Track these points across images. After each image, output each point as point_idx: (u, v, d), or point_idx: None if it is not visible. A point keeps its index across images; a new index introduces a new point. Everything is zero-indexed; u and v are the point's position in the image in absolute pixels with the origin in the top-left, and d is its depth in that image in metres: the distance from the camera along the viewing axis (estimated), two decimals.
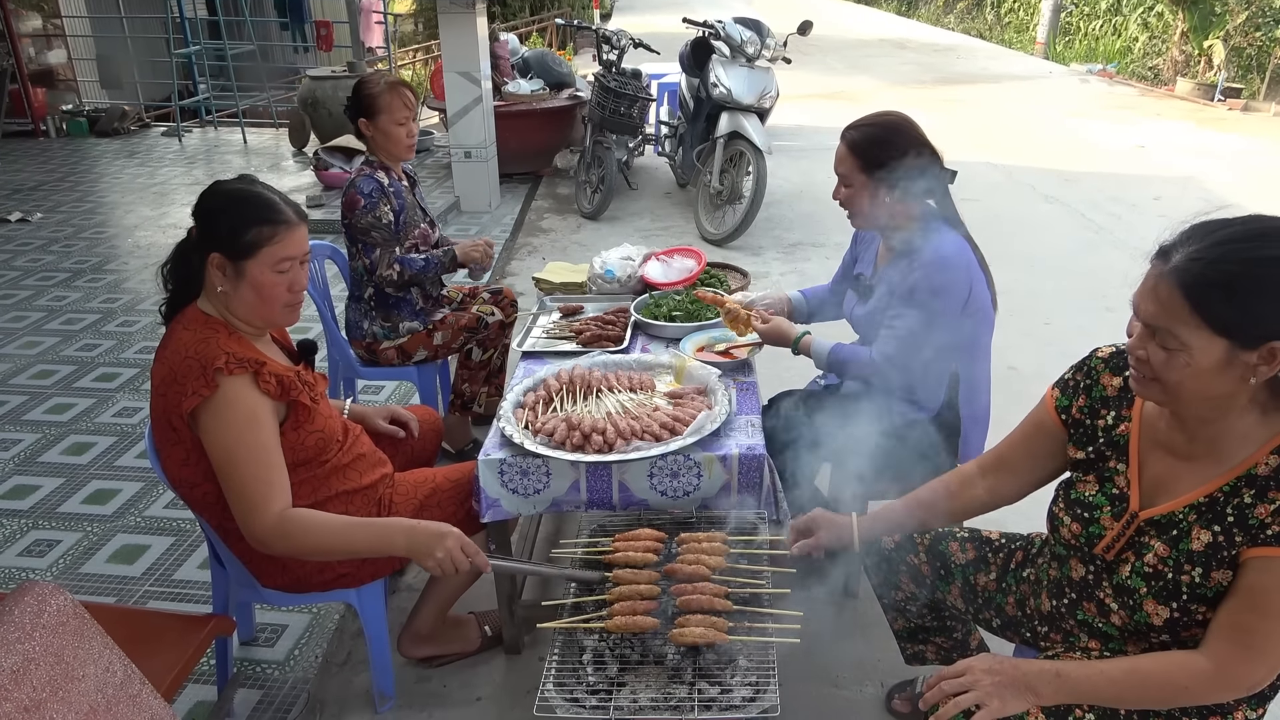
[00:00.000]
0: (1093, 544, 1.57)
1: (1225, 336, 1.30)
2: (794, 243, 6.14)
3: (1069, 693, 1.44)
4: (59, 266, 5.52)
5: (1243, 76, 11.72)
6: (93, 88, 10.13)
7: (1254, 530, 1.37)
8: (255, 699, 2.31)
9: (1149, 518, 1.50)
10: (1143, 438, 1.54)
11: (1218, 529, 1.40)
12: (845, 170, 2.33)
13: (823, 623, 2.61)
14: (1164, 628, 1.48)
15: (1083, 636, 1.62)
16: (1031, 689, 1.44)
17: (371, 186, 2.97)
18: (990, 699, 1.42)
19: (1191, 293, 1.30)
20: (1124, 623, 1.53)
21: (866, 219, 2.38)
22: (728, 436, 2.22)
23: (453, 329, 3.20)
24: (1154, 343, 1.36)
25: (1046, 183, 7.65)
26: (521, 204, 7.05)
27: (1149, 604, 1.48)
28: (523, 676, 2.43)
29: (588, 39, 14.09)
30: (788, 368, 3.35)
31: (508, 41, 8.13)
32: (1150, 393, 1.43)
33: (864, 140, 2.29)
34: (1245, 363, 1.31)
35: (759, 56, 6.18)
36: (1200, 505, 1.44)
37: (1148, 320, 1.36)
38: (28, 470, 3.31)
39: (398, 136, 3.02)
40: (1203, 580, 1.42)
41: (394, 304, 3.15)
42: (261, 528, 1.83)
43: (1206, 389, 1.35)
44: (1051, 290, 5.22)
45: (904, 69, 14.47)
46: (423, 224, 3.19)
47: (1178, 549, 1.45)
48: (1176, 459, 1.49)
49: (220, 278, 1.86)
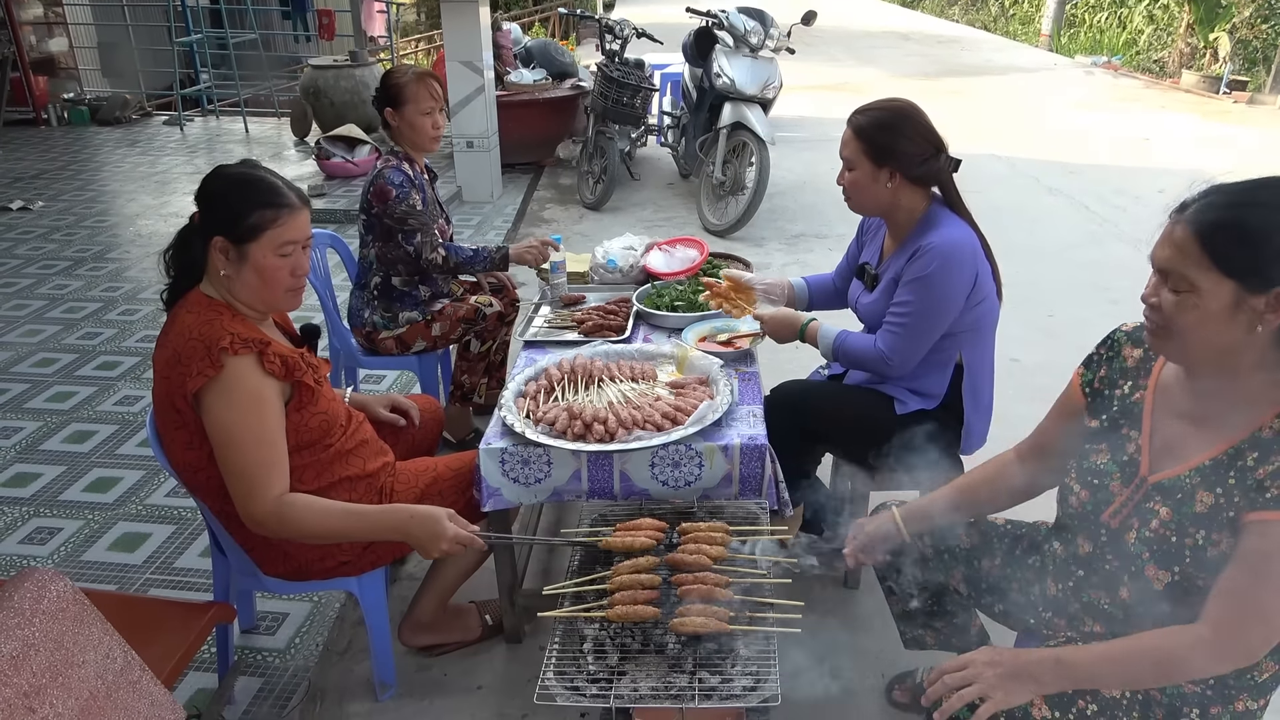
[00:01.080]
0: (1100, 511, 1.57)
1: (1234, 279, 1.32)
2: (797, 234, 6.13)
3: (1071, 678, 1.44)
4: (60, 255, 5.52)
5: (1248, 69, 11.66)
6: (94, 76, 10.11)
7: (1253, 492, 1.37)
8: (256, 687, 2.32)
9: (1156, 482, 1.50)
10: (1156, 405, 1.55)
11: (1219, 491, 1.41)
12: (850, 154, 2.31)
13: (824, 613, 2.61)
14: (1165, 594, 1.47)
15: (1087, 620, 1.62)
16: (1034, 678, 1.44)
17: (401, 177, 2.97)
18: (994, 691, 1.42)
19: (1204, 235, 1.33)
20: (1129, 596, 1.52)
21: (868, 205, 2.36)
22: (729, 427, 2.22)
23: (450, 320, 3.19)
24: (1166, 288, 1.39)
25: (1050, 175, 7.63)
26: (524, 194, 7.03)
27: (1150, 569, 1.48)
28: (523, 665, 2.43)
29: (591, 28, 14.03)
30: (790, 359, 3.35)
31: (510, 31, 8.10)
32: (1161, 343, 1.46)
33: (870, 125, 2.27)
34: (1253, 309, 1.33)
35: (762, 47, 6.15)
36: (1205, 468, 1.45)
37: (1161, 265, 1.40)
38: (29, 458, 3.32)
39: (423, 127, 3.01)
40: (1206, 543, 1.42)
41: (397, 296, 3.15)
42: (260, 510, 1.84)
43: (1214, 336, 1.37)
44: (1054, 282, 5.21)
45: (908, 60, 14.42)
46: (440, 219, 3.19)
47: (1180, 513, 1.45)
48: (1187, 424, 1.50)
49: (223, 261, 1.86)
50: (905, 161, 2.24)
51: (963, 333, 2.33)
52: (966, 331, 2.33)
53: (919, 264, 2.24)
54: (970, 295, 2.26)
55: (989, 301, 2.34)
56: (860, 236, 2.65)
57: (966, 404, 2.40)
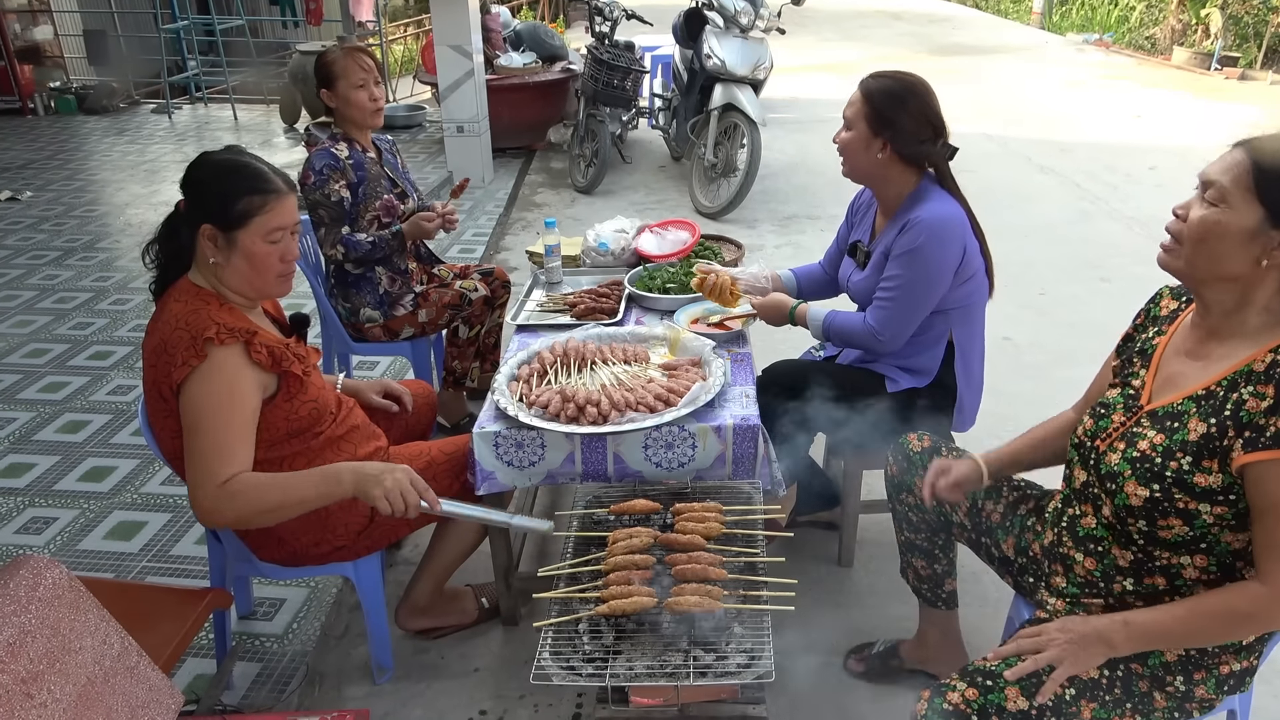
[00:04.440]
0: (1096, 437, 1.63)
1: (1266, 207, 1.40)
2: (789, 215, 6.12)
3: (1140, 638, 1.48)
4: (50, 245, 5.49)
5: (1239, 45, 11.63)
6: (80, 64, 10.00)
7: (1246, 427, 1.40)
8: (254, 672, 2.33)
9: (1151, 410, 1.56)
10: (1169, 347, 1.62)
11: (1213, 421, 1.45)
12: (852, 114, 2.31)
13: (818, 591, 2.63)
14: (1141, 510, 1.51)
15: (1078, 556, 1.65)
16: (1104, 640, 1.47)
17: (324, 162, 2.92)
18: (1064, 657, 1.46)
19: (1257, 163, 1.42)
20: (1111, 514, 1.57)
21: (857, 169, 2.36)
22: (722, 407, 2.22)
23: (437, 306, 3.17)
24: (1200, 202, 1.47)
25: (1042, 153, 7.62)
26: (515, 178, 7.01)
27: (1130, 485, 1.52)
28: (520, 647, 2.44)
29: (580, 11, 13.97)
30: (783, 339, 3.35)
31: (499, 14, 8.04)
32: (1172, 256, 1.52)
33: (878, 91, 2.27)
34: (1269, 240, 1.41)
35: (753, 27, 6.12)
36: (1199, 397, 1.50)
37: (1207, 177, 1.47)
38: (23, 448, 3.31)
39: (358, 101, 2.96)
40: (1191, 468, 1.46)
41: (352, 283, 3.10)
42: (206, 495, 1.78)
43: (1224, 257, 1.44)
44: (1046, 260, 5.22)
45: (900, 39, 14.35)
46: (388, 195, 3.09)
47: (1172, 439, 1.49)
48: (1190, 361, 1.56)
49: (212, 249, 1.85)
50: (900, 137, 2.24)
51: (953, 310, 2.34)
52: (957, 309, 2.34)
53: (907, 237, 2.24)
54: (959, 270, 2.27)
55: (978, 278, 2.34)
56: (850, 218, 2.64)
57: (959, 382, 2.41)
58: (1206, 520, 1.47)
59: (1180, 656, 1.53)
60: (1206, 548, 1.50)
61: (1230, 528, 1.46)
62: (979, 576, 2.53)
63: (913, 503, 2.08)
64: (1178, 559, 1.52)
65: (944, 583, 2.16)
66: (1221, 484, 1.44)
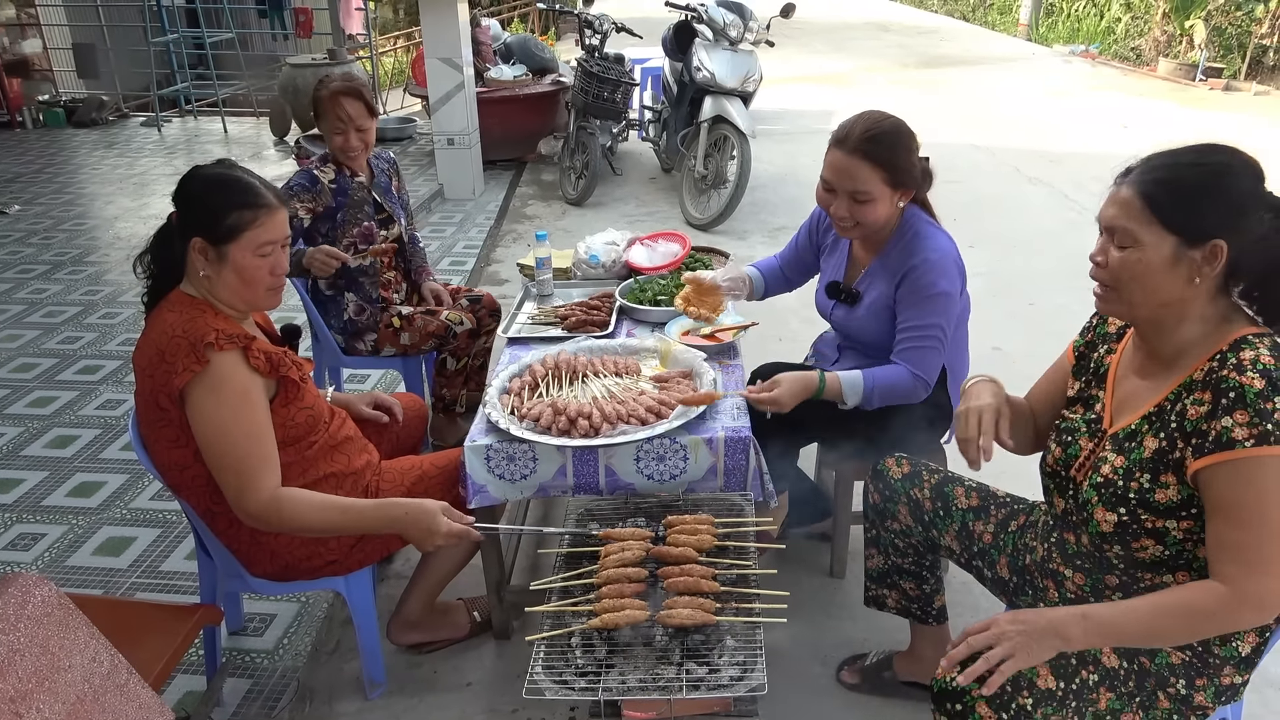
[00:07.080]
0: (1069, 466, 1.65)
1: (1174, 233, 1.43)
2: (779, 226, 6.14)
3: (1098, 633, 1.44)
4: (39, 259, 5.46)
5: (1223, 56, 11.74)
6: (69, 78, 9.97)
7: (1192, 435, 1.43)
8: (245, 688, 2.31)
9: (1113, 433, 1.58)
10: (1120, 365, 1.65)
11: (1163, 435, 1.48)
12: (861, 185, 2.18)
13: (810, 603, 2.63)
14: (1114, 536, 1.53)
15: (1067, 572, 1.67)
16: (1059, 634, 1.43)
17: (298, 181, 2.92)
18: (1018, 650, 1.41)
19: (1146, 193, 1.45)
20: (1089, 541, 1.59)
21: (881, 229, 2.30)
22: (713, 419, 2.23)
23: (420, 333, 3.12)
24: (1112, 246, 1.50)
25: (1030, 164, 7.67)
26: (506, 191, 7.02)
27: (1098, 511, 1.54)
28: (512, 661, 2.44)
29: (570, 23, 14.01)
30: (774, 352, 3.36)
31: (489, 26, 8.07)
32: (1108, 302, 1.55)
33: (885, 149, 2.17)
34: (1192, 260, 1.44)
35: (742, 39, 6.15)
36: (1151, 415, 1.53)
37: (1108, 223, 1.51)
38: (11, 464, 3.29)
39: (336, 145, 2.96)
40: (1151, 485, 1.48)
41: (324, 301, 3.09)
42: (256, 504, 1.85)
43: (1157, 288, 1.47)
44: (1035, 271, 5.23)
45: (888, 51, 14.44)
46: (368, 221, 3.04)
47: (1130, 460, 1.52)
48: (1140, 379, 1.59)
49: (203, 262, 1.86)
50: (912, 180, 2.26)
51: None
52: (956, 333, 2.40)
53: (925, 281, 2.23)
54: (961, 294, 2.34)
55: (967, 299, 2.40)
56: (816, 236, 2.63)
57: (952, 396, 2.42)
58: (1177, 537, 1.48)
59: (1184, 660, 1.53)
60: (1185, 564, 1.50)
61: (1200, 541, 1.47)
62: (970, 586, 2.53)
63: (897, 529, 2.05)
64: (1160, 579, 1.53)
65: (934, 600, 2.15)
66: (1181, 497, 1.45)
